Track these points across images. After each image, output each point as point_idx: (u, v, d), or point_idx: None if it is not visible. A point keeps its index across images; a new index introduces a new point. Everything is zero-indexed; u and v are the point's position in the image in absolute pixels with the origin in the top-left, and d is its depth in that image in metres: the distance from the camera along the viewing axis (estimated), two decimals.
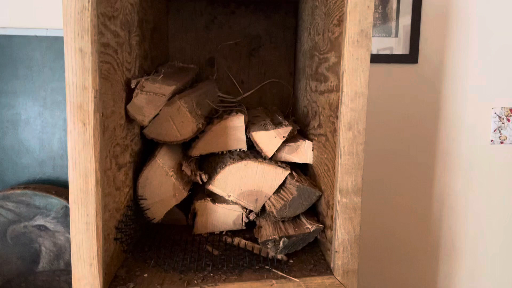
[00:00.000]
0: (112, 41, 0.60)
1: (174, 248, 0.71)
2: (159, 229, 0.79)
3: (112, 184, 0.61)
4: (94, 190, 0.55)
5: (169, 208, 0.74)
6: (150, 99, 0.67)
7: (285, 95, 1.04)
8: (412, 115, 1.13)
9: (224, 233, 0.77)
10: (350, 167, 0.62)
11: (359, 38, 0.59)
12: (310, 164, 0.81)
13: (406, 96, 1.12)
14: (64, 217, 0.96)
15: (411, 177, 1.16)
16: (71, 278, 0.97)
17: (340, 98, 0.61)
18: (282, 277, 0.63)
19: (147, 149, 0.79)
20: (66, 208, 0.96)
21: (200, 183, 0.75)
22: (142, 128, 0.75)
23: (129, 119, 0.68)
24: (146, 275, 0.63)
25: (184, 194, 0.75)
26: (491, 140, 1.14)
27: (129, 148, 0.70)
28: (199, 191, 0.81)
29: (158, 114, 0.74)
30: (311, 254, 0.71)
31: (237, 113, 0.78)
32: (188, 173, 0.74)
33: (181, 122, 0.75)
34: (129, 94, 0.68)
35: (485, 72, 1.13)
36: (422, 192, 1.17)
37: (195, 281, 0.62)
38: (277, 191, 0.76)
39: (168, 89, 0.68)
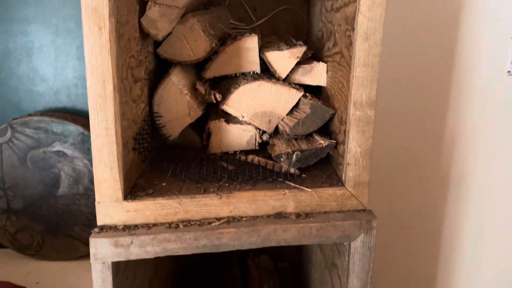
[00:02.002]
0: None
1: (190, 163, 0.73)
2: (174, 149, 0.81)
3: (129, 95, 0.62)
4: (112, 96, 0.56)
5: (184, 126, 0.76)
6: (163, 12, 0.67)
7: (299, 23, 1.02)
8: (427, 43, 1.11)
9: (238, 152, 0.79)
10: (365, 79, 0.62)
11: None
12: (323, 88, 0.81)
13: (421, 23, 1.09)
14: (81, 143, 0.99)
15: (424, 106, 1.15)
16: (90, 202, 1.02)
17: (357, 7, 0.60)
18: (294, 187, 0.65)
19: (161, 70, 0.79)
20: (83, 135, 0.98)
21: (214, 102, 0.76)
22: (155, 47, 0.75)
23: (143, 34, 0.68)
24: (164, 184, 0.66)
25: (199, 112, 0.76)
26: (508, 71, 1.12)
27: (144, 64, 0.70)
28: (212, 114, 0.82)
29: (171, 32, 0.74)
30: (323, 170, 0.73)
31: (250, 34, 0.78)
32: (202, 91, 0.75)
33: (194, 41, 0.75)
34: (142, 8, 0.67)
35: None
36: (434, 122, 1.17)
37: (211, 189, 0.64)
38: (290, 113, 0.77)
39: (182, 1, 0.67)
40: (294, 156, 0.68)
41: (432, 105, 1.16)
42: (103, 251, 0.57)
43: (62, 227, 1.03)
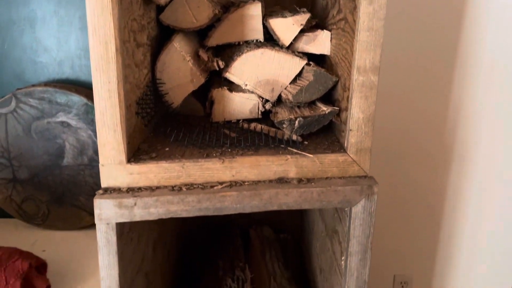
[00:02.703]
0: None
1: (193, 130, 0.73)
2: (177, 117, 0.82)
3: (132, 59, 0.62)
4: (115, 58, 0.56)
5: (187, 93, 0.76)
6: None
7: None
8: (433, 16, 1.09)
9: (241, 121, 0.79)
10: (369, 44, 0.62)
11: None
12: (327, 57, 0.80)
13: None
14: (85, 114, 0.99)
15: (429, 79, 1.15)
16: (95, 173, 1.03)
17: None
18: (297, 153, 0.66)
19: (164, 38, 0.78)
20: (87, 106, 0.99)
21: (217, 69, 0.76)
22: (158, 13, 0.74)
23: None
24: (167, 149, 0.66)
25: (202, 80, 0.76)
26: None
27: (146, 30, 0.70)
28: (215, 82, 0.82)
29: None
30: (326, 137, 0.73)
31: (254, 1, 0.77)
32: (205, 58, 0.75)
33: (197, 7, 0.74)
34: None
35: None
36: (438, 99, 1.16)
37: (214, 154, 0.64)
38: (293, 81, 0.77)
39: None
40: (297, 122, 0.68)
41: (437, 78, 1.15)
42: (107, 212, 0.58)
43: (68, 197, 1.04)
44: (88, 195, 1.04)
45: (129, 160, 0.61)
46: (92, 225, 1.05)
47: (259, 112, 0.79)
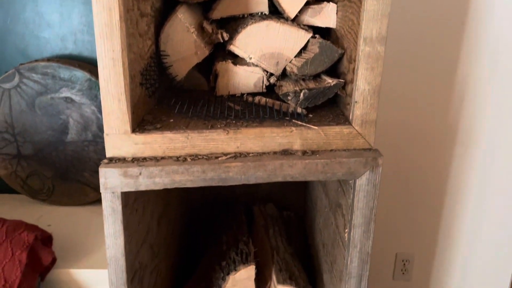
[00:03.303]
0: None
1: (197, 103, 0.73)
2: (181, 91, 0.81)
3: (136, 28, 0.61)
4: (118, 25, 0.55)
5: (191, 66, 0.75)
6: None
7: None
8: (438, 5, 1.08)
9: (245, 94, 0.79)
10: (376, 13, 0.61)
11: None
12: (332, 30, 0.79)
13: None
14: (88, 90, 0.99)
15: (434, 60, 1.14)
16: (99, 149, 1.03)
17: None
18: (301, 125, 0.65)
19: (167, 10, 0.77)
20: (90, 81, 0.98)
21: (221, 41, 0.75)
22: None
23: None
24: (171, 120, 0.66)
25: (206, 52, 0.75)
26: None
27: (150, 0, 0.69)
28: (220, 55, 0.81)
29: None
30: (331, 111, 0.72)
31: None
32: (209, 30, 0.74)
33: None
34: None
35: None
36: (444, 76, 1.15)
37: (219, 126, 0.64)
38: (298, 55, 0.76)
39: None
40: (302, 94, 0.68)
41: (443, 59, 1.14)
42: (112, 181, 0.58)
43: (72, 172, 1.05)
44: (93, 171, 1.04)
45: (133, 130, 0.61)
46: (97, 201, 1.06)
47: (264, 86, 0.79)
